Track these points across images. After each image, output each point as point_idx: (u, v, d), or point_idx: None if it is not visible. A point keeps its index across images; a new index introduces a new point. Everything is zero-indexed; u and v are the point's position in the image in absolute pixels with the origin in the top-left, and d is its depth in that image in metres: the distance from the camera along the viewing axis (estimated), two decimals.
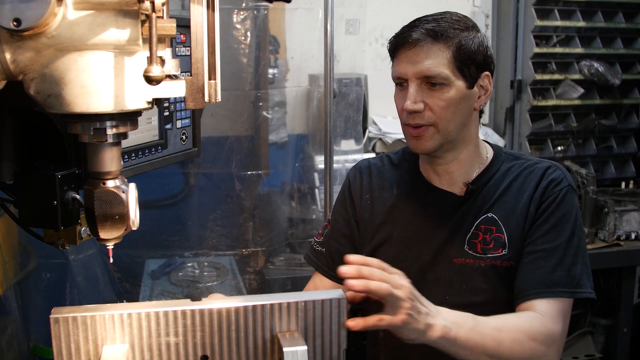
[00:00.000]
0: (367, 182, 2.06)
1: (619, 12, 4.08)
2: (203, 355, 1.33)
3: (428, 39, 1.80)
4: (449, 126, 1.83)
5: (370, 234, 2.00)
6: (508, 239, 1.84)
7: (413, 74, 1.81)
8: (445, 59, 1.79)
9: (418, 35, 1.82)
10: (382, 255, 1.88)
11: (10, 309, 2.87)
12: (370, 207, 2.03)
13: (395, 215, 1.98)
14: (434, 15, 1.89)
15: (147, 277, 3.31)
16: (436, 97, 1.80)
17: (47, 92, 1.02)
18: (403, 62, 1.84)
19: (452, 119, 1.82)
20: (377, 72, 4.07)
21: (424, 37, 1.81)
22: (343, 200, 2.10)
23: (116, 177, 1.13)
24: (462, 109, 1.84)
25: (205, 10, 1.04)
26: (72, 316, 1.26)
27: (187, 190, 3.63)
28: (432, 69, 1.79)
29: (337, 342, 1.39)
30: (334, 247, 2.05)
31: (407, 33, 1.84)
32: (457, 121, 1.84)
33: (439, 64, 1.79)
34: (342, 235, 2.05)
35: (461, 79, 1.81)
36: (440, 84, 1.80)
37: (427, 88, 1.81)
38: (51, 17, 0.97)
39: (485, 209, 1.89)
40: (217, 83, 1.07)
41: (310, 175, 3.71)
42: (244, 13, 3.36)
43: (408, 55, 1.82)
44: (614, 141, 4.14)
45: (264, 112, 3.50)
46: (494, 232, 1.86)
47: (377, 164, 2.10)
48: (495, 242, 1.85)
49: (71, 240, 1.38)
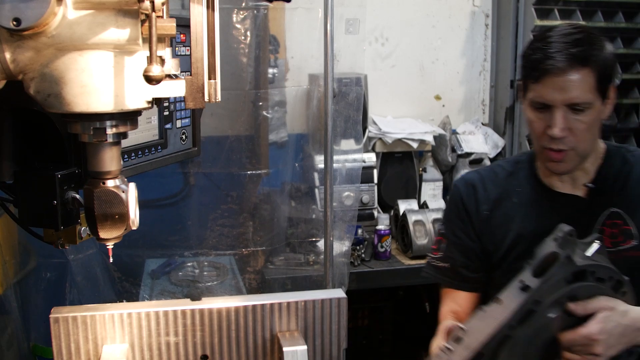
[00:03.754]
0: (483, 194, 2.06)
1: (618, 11, 4.08)
2: (203, 354, 1.33)
3: (576, 66, 1.77)
4: (587, 147, 1.86)
5: (496, 245, 2.01)
6: (637, 229, 1.88)
7: (561, 101, 1.79)
8: (591, 83, 1.78)
9: (566, 63, 1.77)
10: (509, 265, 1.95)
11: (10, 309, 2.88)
12: (490, 218, 2.03)
13: (519, 224, 1.98)
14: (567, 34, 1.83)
15: (147, 277, 3.31)
16: (579, 121, 1.80)
17: (47, 91, 1.02)
18: (549, 88, 1.79)
19: (590, 139, 1.85)
20: (377, 72, 4.07)
21: (573, 64, 1.76)
22: (457, 213, 2.08)
23: (116, 176, 1.13)
24: (596, 126, 1.86)
25: (205, 10, 1.04)
26: (72, 316, 1.26)
27: (187, 190, 3.63)
28: (581, 97, 1.77)
29: (337, 342, 1.39)
30: (459, 261, 2.05)
31: (553, 60, 1.78)
32: (592, 139, 1.87)
33: (586, 91, 1.78)
34: (467, 248, 2.05)
35: (599, 99, 1.81)
36: (585, 109, 1.79)
37: (571, 113, 1.80)
38: (51, 17, 0.97)
39: (609, 204, 1.90)
40: (217, 82, 1.07)
41: (310, 174, 3.71)
42: (243, 13, 3.36)
43: (555, 83, 1.78)
44: (614, 141, 4.12)
45: (264, 111, 3.50)
46: (620, 225, 1.89)
47: (490, 176, 2.09)
48: (624, 234, 1.88)
49: (71, 239, 1.38)
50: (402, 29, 4.16)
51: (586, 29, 1.85)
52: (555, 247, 1.51)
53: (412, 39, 4.16)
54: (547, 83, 1.79)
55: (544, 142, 1.85)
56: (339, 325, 1.38)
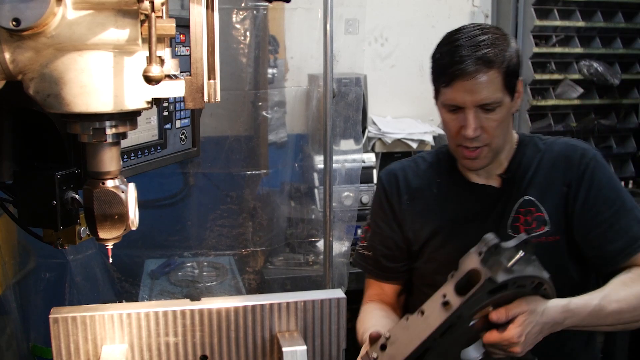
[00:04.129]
0: (404, 183, 2.12)
1: (618, 12, 4.08)
2: (202, 355, 1.33)
3: (483, 69, 1.83)
4: (500, 142, 1.94)
5: (416, 234, 2.07)
6: (549, 215, 1.95)
7: (471, 102, 1.85)
8: (499, 83, 1.85)
9: (473, 67, 1.83)
10: (430, 255, 2.05)
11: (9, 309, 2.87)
12: (410, 207, 2.09)
13: (437, 213, 2.05)
14: (473, 35, 1.88)
15: (146, 277, 3.31)
16: (490, 119, 1.87)
17: (47, 91, 1.02)
18: (460, 91, 1.86)
19: (501, 134, 1.92)
20: (377, 72, 4.07)
21: (480, 67, 1.83)
22: (380, 204, 2.16)
23: (115, 177, 1.13)
24: (507, 121, 1.93)
25: (205, 10, 1.04)
26: (71, 316, 1.26)
27: (186, 190, 3.62)
28: (491, 97, 1.85)
29: (337, 342, 1.39)
30: (380, 250, 2.12)
31: (461, 65, 1.84)
32: (505, 133, 1.95)
33: (495, 91, 1.85)
34: (386, 237, 2.12)
35: (507, 95, 1.89)
36: (495, 107, 1.87)
37: (482, 112, 1.87)
38: (50, 17, 0.97)
39: (522, 192, 1.99)
40: (216, 83, 1.07)
41: (309, 175, 3.71)
42: (243, 13, 3.36)
43: (465, 86, 1.85)
44: (614, 141, 4.14)
45: (264, 112, 3.50)
46: (533, 213, 1.96)
47: (412, 166, 2.16)
48: (537, 221, 1.95)
49: (70, 240, 1.38)
50: (401, 29, 4.16)
51: (490, 30, 1.91)
52: (478, 263, 1.50)
53: (412, 39, 4.16)
54: (457, 87, 1.85)
55: (459, 141, 1.92)
56: (338, 326, 1.38)
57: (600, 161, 1.98)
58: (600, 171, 1.96)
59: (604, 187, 1.94)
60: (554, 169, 1.99)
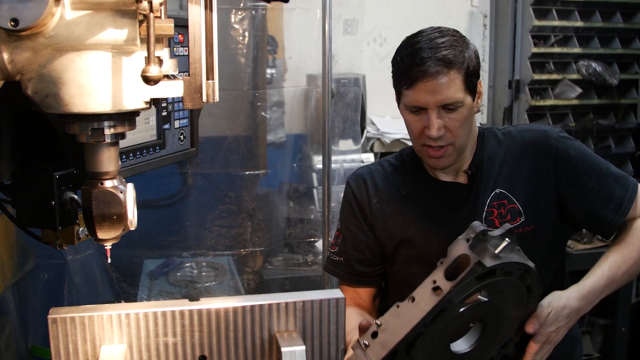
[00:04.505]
0: (373, 187, 2.11)
1: (616, 12, 4.09)
2: (201, 355, 1.33)
3: (444, 70, 1.86)
4: (463, 140, 1.95)
5: (388, 236, 2.06)
6: (522, 205, 1.97)
7: (434, 103, 1.87)
8: (459, 83, 1.88)
9: (434, 68, 1.85)
10: (405, 256, 2.04)
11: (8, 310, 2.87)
12: (381, 210, 2.08)
13: (408, 214, 2.05)
14: (432, 38, 1.91)
15: (145, 277, 3.31)
16: (453, 118, 1.89)
17: (45, 92, 1.02)
18: (422, 92, 1.88)
19: (465, 133, 1.94)
20: (375, 72, 4.07)
21: (441, 68, 1.85)
22: (350, 208, 2.13)
23: (114, 177, 1.13)
24: (470, 120, 1.95)
25: (203, 10, 1.04)
26: (70, 316, 1.26)
27: (185, 191, 3.63)
28: (452, 97, 1.87)
29: (335, 342, 1.39)
30: (352, 255, 2.11)
31: (423, 67, 1.87)
32: (468, 132, 1.96)
33: (455, 91, 1.87)
34: (359, 242, 2.10)
35: (469, 95, 1.91)
36: (457, 107, 1.88)
37: (445, 112, 1.89)
38: (49, 17, 0.97)
39: (491, 186, 2.00)
40: (215, 83, 1.07)
41: (308, 175, 3.71)
42: (242, 13, 3.36)
43: (426, 87, 1.87)
44: (612, 141, 4.14)
45: (262, 112, 3.51)
46: (506, 205, 1.98)
47: (378, 169, 2.15)
48: (511, 213, 1.97)
49: (69, 240, 1.38)
50: (400, 29, 4.12)
51: (449, 32, 1.94)
52: (467, 249, 1.55)
53: None
54: (419, 88, 1.88)
55: (423, 141, 1.94)
56: (337, 326, 1.38)
57: (565, 137, 2.02)
58: (568, 146, 1.99)
59: (579, 160, 1.98)
60: (521, 158, 2.01)
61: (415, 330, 1.52)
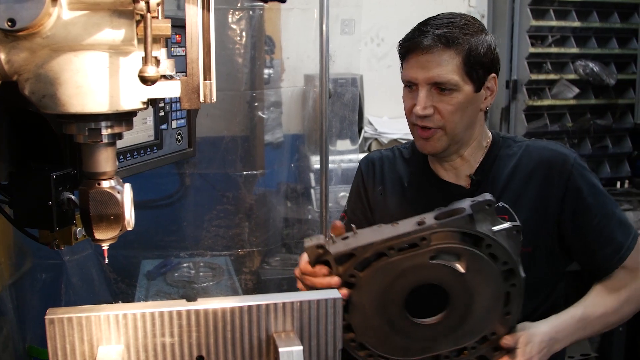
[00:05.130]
0: (380, 173, 2.12)
1: (614, 12, 4.09)
2: (199, 355, 1.33)
3: (439, 46, 1.82)
4: (456, 128, 1.88)
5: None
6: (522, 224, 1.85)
7: (424, 79, 1.84)
8: (455, 65, 1.82)
9: (429, 41, 1.82)
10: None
11: (5, 310, 2.87)
12: (383, 199, 2.09)
13: (407, 208, 2.01)
14: (444, 18, 1.90)
15: (142, 278, 3.30)
16: (445, 101, 1.84)
17: (42, 92, 1.01)
18: (414, 67, 1.85)
19: (459, 121, 1.87)
20: (373, 72, 4.07)
21: (435, 43, 1.82)
22: (357, 191, 2.16)
23: (111, 177, 1.13)
24: (469, 112, 1.88)
25: (201, 11, 1.04)
26: (67, 317, 1.26)
27: (182, 191, 3.62)
28: (443, 76, 1.82)
29: (333, 342, 1.39)
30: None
31: (418, 38, 1.85)
32: (464, 123, 1.89)
33: (449, 71, 1.82)
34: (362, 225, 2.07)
35: (469, 83, 1.85)
36: (450, 90, 1.83)
37: (437, 92, 1.84)
38: (46, 18, 0.97)
39: (495, 198, 1.87)
40: (212, 83, 1.07)
41: (305, 175, 3.71)
42: (239, 13, 3.36)
43: (419, 61, 1.84)
44: (609, 141, 4.15)
45: (260, 112, 3.50)
46: (506, 221, 1.85)
47: (389, 156, 2.15)
48: None
49: (66, 240, 1.38)
50: (397, 29, 4.11)
51: (466, 17, 1.91)
52: (467, 205, 1.57)
53: None
54: (412, 62, 1.86)
55: (412, 119, 1.91)
56: (334, 326, 1.38)
57: (581, 166, 1.92)
58: (583, 178, 1.91)
59: (589, 194, 1.90)
60: (532, 176, 1.93)
61: (381, 244, 1.55)
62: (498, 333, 1.68)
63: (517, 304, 1.66)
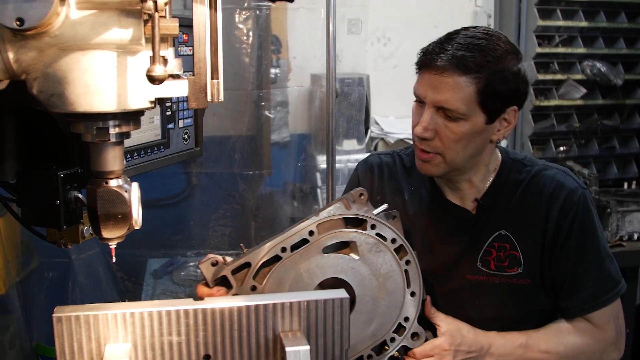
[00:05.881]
0: (379, 182, 2.00)
1: (621, 12, 4.08)
2: (205, 354, 1.33)
3: (456, 71, 1.67)
4: (456, 158, 1.75)
5: None
6: (523, 255, 1.81)
7: (431, 100, 1.71)
8: (468, 94, 1.67)
9: (445, 62, 1.67)
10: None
11: (12, 308, 2.88)
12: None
13: (405, 224, 1.86)
14: (470, 36, 1.73)
15: (149, 277, 3.31)
16: (449, 128, 1.70)
17: (50, 91, 1.02)
18: (425, 84, 1.73)
19: (461, 151, 1.74)
20: (379, 72, 4.07)
21: (451, 66, 1.67)
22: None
23: (119, 176, 1.13)
24: (475, 142, 1.75)
25: (208, 10, 1.04)
26: (74, 315, 1.26)
27: (189, 190, 3.63)
28: (451, 103, 1.68)
29: (340, 342, 1.39)
30: None
31: (435, 56, 1.70)
32: (467, 153, 1.76)
33: (459, 99, 1.67)
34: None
35: (481, 114, 1.71)
36: (457, 118, 1.70)
37: (443, 117, 1.71)
38: (54, 17, 0.97)
39: (498, 225, 1.83)
40: (219, 82, 1.07)
41: (312, 175, 3.71)
42: (246, 13, 3.36)
43: (431, 80, 1.71)
44: (617, 141, 4.13)
45: (266, 111, 3.50)
46: (508, 250, 1.82)
47: (389, 163, 2.03)
48: (510, 259, 1.81)
49: (74, 239, 1.38)
50: (404, 29, 4.16)
51: (496, 38, 1.73)
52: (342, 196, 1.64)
53: (414, 39, 4.15)
54: (424, 77, 1.74)
55: (414, 138, 1.80)
56: (341, 326, 1.38)
57: (584, 206, 1.80)
58: (582, 220, 1.79)
59: (578, 235, 1.79)
60: (535, 208, 1.82)
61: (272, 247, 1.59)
62: (410, 317, 1.67)
63: (418, 283, 1.67)
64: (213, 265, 1.60)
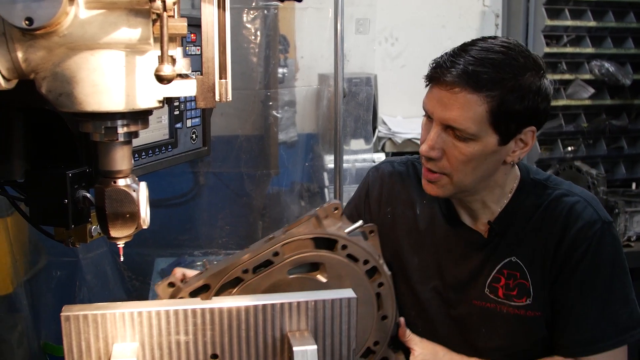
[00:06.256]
0: (388, 192, 1.91)
1: (629, 11, 4.06)
2: (213, 354, 1.33)
3: (466, 87, 1.54)
4: (465, 180, 1.64)
5: (389, 252, 1.82)
6: (533, 286, 1.69)
7: (438, 118, 1.60)
8: (479, 113, 1.55)
9: (454, 78, 1.55)
10: (401, 280, 1.84)
11: (20, 307, 2.89)
12: (391, 223, 1.88)
13: (416, 239, 1.85)
14: (485, 48, 1.59)
15: (156, 276, 3.32)
16: (458, 149, 1.59)
17: (59, 90, 1.02)
18: (433, 99, 1.61)
19: (470, 173, 1.63)
20: (387, 72, 4.07)
21: (462, 83, 1.54)
22: (358, 202, 1.98)
23: (127, 175, 1.13)
24: (486, 164, 1.63)
25: (216, 10, 1.04)
26: (82, 314, 1.26)
27: (196, 189, 3.63)
28: (459, 122, 1.56)
29: (347, 342, 1.39)
30: None
31: (445, 70, 1.58)
32: (477, 175, 1.64)
33: (468, 118, 1.55)
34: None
35: (493, 135, 1.58)
36: (467, 139, 1.58)
37: (451, 136, 1.59)
38: (63, 17, 0.97)
39: (509, 252, 1.72)
40: (227, 82, 1.07)
41: (319, 174, 3.71)
42: (254, 12, 3.36)
43: (440, 95, 1.59)
44: (625, 141, 4.12)
45: (274, 111, 3.51)
46: (517, 278, 1.71)
47: (402, 173, 1.91)
48: (519, 289, 1.70)
49: (82, 238, 1.38)
50: (411, 29, 4.16)
51: (513, 51, 1.59)
52: (314, 212, 1.53)
53: (422, 39, 4.15)
54: (433, 92, 1.62)
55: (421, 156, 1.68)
56: (349, 325, 1.38)
57: (600, 242, 1.66)
58: (595, 256, 1.65)
59: (589, 275, 1.66)
60: (548, 237, 1.69)
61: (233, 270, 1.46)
62: (380, 342, 1.60)
63: (391, 305, 1.58)
64: (170, 286, 1.48)
